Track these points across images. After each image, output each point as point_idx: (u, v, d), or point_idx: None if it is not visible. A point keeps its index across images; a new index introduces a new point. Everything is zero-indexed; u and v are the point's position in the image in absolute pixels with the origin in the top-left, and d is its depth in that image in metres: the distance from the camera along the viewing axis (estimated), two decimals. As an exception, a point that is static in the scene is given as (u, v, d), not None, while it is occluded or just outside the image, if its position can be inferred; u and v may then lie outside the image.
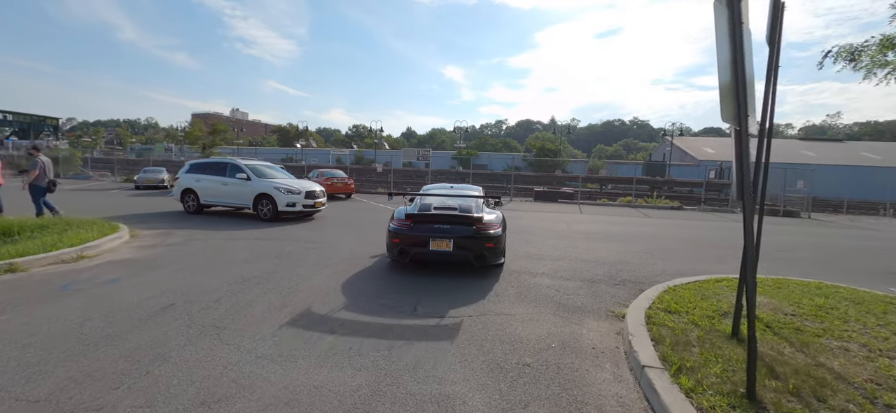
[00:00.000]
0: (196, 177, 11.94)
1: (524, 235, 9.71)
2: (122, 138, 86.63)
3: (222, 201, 11.64)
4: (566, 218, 13.90)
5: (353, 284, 5.24)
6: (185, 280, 5.26)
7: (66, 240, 6.78)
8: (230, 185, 11.41)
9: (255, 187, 11.03)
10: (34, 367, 2.93)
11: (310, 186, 11.51)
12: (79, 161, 31.80)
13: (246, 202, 11.19)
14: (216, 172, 11.80)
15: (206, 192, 11.74)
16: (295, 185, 11.22)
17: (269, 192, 10.75)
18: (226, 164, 12.01)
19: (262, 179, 11.24)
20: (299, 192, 10.90)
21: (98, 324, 3.75)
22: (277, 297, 4.69)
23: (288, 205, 10.69)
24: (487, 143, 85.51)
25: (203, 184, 11.77)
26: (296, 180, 12.00)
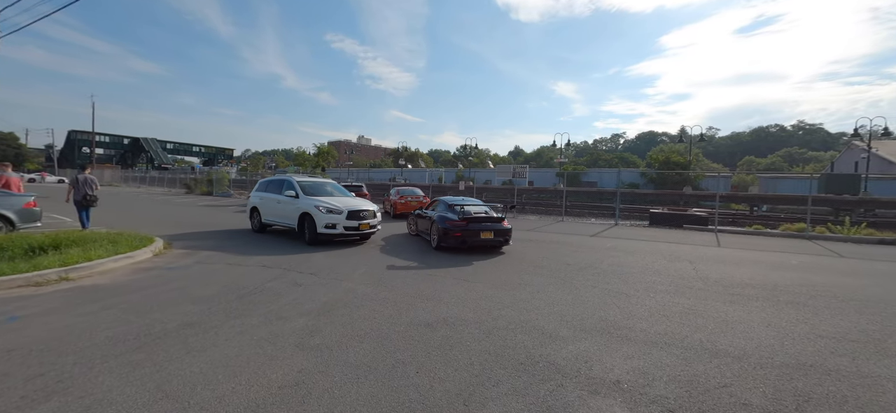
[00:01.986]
0: (260, 195, 11.44)
1: (614, 282, 6.41)
2: (276, 163, 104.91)
3: (277, 220, 10.73)
4: (693, 252, 9.66)
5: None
6: (97, 320, 3.94)
7: (69, 258, 6.43)
8: (282, 202, 10.41)
9: (300, 205, 9.76)
10: None
11: (356, 205, 9.69)
12: (227, 182, 38.05)
13: (292, 222, 9.96)
14: (274, 190, 11.03)
15: (265, 209, 11.06)
16: (336, 203, 9.46)
17: (310, 211, 9.33)
18: (282, 180, 11.11)
19: (309, 197, 9.85)
20: (340, 211, 9.16)
21: None
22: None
23: (326, 226, 9.06)
24: (600, 159, 77.33)
25: (264, 202, 11.14)
26: (343, 198, 10.29)
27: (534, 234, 12.57)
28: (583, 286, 6.01)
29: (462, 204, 9.51)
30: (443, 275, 6.61)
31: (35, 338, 3.69)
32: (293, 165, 49.48)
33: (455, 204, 9.55)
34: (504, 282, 6.20)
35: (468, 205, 9.55)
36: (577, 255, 8.89)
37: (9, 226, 8.64)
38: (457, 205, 9.41)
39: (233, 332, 3.88)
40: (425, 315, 4.50)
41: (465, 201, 10.01)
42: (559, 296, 5.44)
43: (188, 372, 3.07)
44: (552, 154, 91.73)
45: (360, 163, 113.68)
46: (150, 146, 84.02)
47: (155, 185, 46.05)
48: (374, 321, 4.28)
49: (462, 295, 5.39)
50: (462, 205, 9.41)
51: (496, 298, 5.25)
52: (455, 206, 9.37)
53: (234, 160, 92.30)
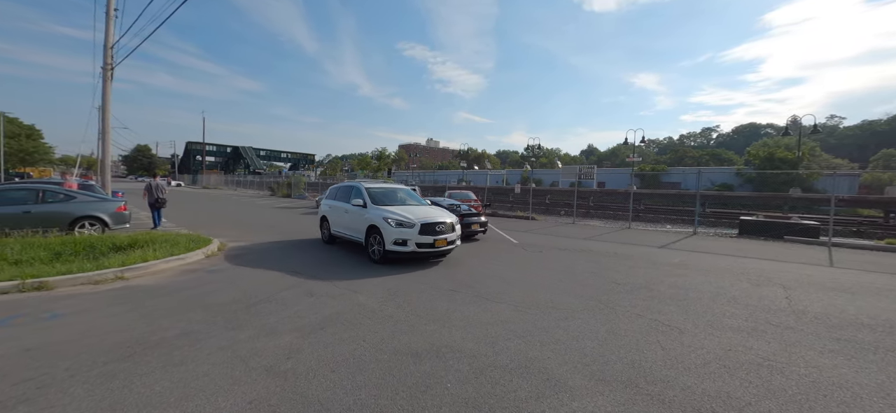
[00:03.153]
0: (330, 203, 10.32)
1: (669, 310, 5.25)
2: (351, 166, 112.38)
3: (345, 232, 9.39)
4: (790, 273, 7.75)
5: None
6: (95, 326, 4.16)
7: (129, 258, 7.14)
8: (350, 213, 9.12)
9: (368, 217, 8.32)
10: None
11: (432, 216, 8.04)
12: (302, 185, 41.40)
13: (359, 235, 8.60)
14: (343, 198, 9.80)
15: (334, 219, 9.91)
16: (408, 214, 7.89)
17: (377, 224, 7.92)
18: (350, 187, 9.84)
19: (378, 208, 8.40)
20: (412, 224, 7.62)
21: None
22: None
23: (396, 242, 7.58)
24: (687, 156, 69.26)
25: (333, 211, 10.02)
26: (417, 208, 8.69)
27: (589, 244, 11.29)
28: (625, 314, 4.99)
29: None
30: (466, 290, 6.03)
31: (56, 338, 3.96)
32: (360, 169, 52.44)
33: (445, 204, 11.99)
34: (532, 302, 5.42)
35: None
36: (633, 271, 7.64)
37: (104, 226, 10.02)
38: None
39: (217, 347, 3.78)
40: (419, 341, 4.00)
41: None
42: (589, 325, 4.54)
43: (148, 391, 2.97)
44: (629, 152, 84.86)
45: (427, 165, 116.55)
46: (247, 154, 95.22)
47: (248, 187, 51.86)
48: (361, 344, 3.89)
49: (474, 317, 4.78)
50: (451, 205, 11.90)
51: (511, 324, 4.54)
52: (445, 206, 11.35)
53: (314, 165, 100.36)
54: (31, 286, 5.62)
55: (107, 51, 14.30)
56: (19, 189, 9.84)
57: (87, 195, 10.31)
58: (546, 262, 8.50)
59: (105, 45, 14.27)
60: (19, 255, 7.16)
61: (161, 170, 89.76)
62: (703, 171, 18.86)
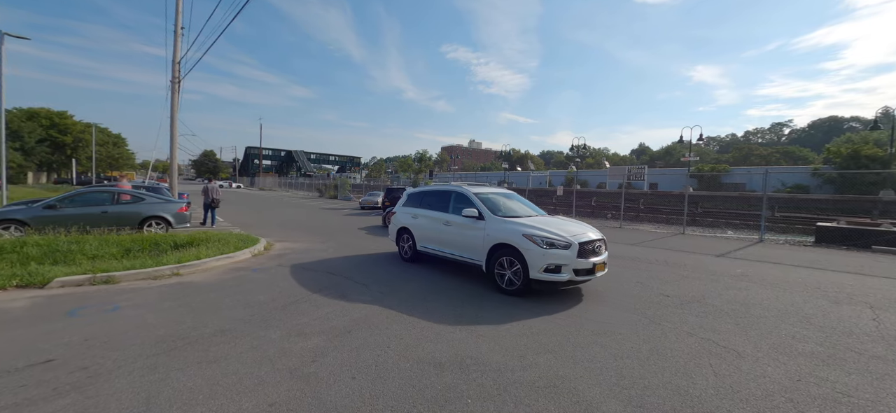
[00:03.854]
0: (412, 211, 8.40)
1: (725, 329, 4.69)
2: (395, 169, 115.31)
3: (443, 250, 7.45)
4: (879, 290, 6.66)
5: None
6: (131, 322, 4.48)
7: (185, 256, 7.72)
8: (454, 225, 7.21)
9: (492, 232, 6.35)
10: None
11: (587, 234, 6.12)
12: (348, 187, 42.98)
13: (475, 256, 6.62)
14: (436, 206, 7.91)
15: (423, 233, 8.00)
16: (559, 231, 5.92)
17: (513, 243, 5.94)
18: (449, 193, 7.85)
19: (503, 220, 6.45)
20: (568, 244, 5.65)
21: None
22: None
23: (548, 269, 5.59)
24: (753, 155, 63.33)
25: (420, 222, 8.10)
26: (553, 220, 6.85)
27: (637, 250, 10.56)
28: (673, 331, 4.53)
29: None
30: (497, 297, 5.82)
31: (112, 329, 4.31)
32: (401, 171, 53.49)
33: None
34: (570, 314, 5.10)
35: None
36: (686, 282, 6.99)
37: (168, 225, 10.96)
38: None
39: (250, 346, 3.91)
40: (445, 350, 3.87)
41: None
42: (631, 342, 4.16)
43: (181, 387, 3.10)
44: (685, 151, 79.58)
45: (469, 167, 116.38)
46: (299, 157, 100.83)
47: (299, 189, 54.81)
48: (386, 350, 3.84)
49: (506, 328, 4.57)
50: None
51: (545, 337, 4.28)
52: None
53: (359, 167, 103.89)
54: (101, 280, 6.21)
55: (174, 65, 15.70)
56: (100, 191, 11.04)
57: (155, 197, 11.33)
58: (587, 269, 8.01)
59: (173, 60, 15.67)
60: (96, 251, 7.98)
61: (224, 173, 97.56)
62: (771, 171, 17.03)
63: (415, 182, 28.52)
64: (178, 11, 15.63)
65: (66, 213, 9.84)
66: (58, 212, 9.79)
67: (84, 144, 48.07)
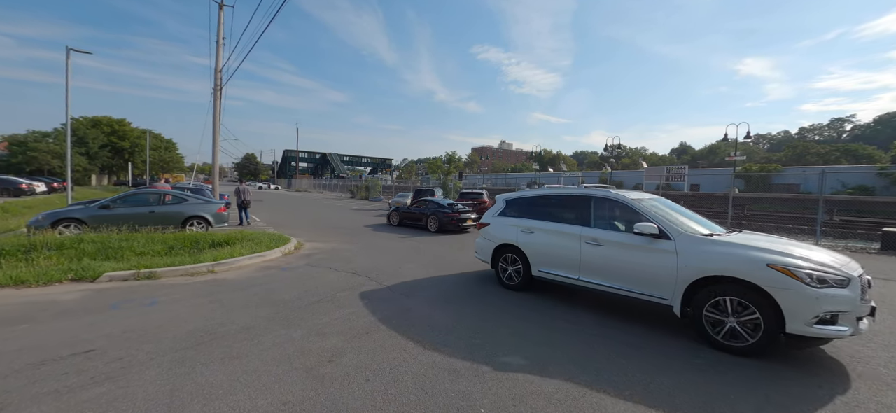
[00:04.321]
0: (521, 224, 6.29)
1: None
2: (426, 170, 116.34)
3: (588, 280, 5.32)
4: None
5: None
6: (161, 318, 4.71)
7: (220, 254, 8.10)
8: (606, 245, 5.17)
9: (693, 259, 4.40)
10: None
11: (849, 262, 4.16)
12: (379, 188, 43.77)
13: (657, 291, 4.65)
14: (564, 217, 5.85)
15: (544, 254, 5.90)
16: (820, 259, 4.02)
17: (745, 277, 4.01)
18: (587, 199, 5.62)
19: (711, 241, 4.49)
20: (845, 280, 3.79)
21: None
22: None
23: (821, 320, 3.72)
24: (810, 153, 58.54)
25: (538, 239, 5.99)
26: (785, 243, 4.54)
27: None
28: (710, 343, 4.18)
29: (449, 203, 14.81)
30: (524, 304, 5.66)
31: (149, 322, 4.56)
32: (431, 172, 53.72)
33: (444, 203, 14.82)
34: (596, 322, 4.86)
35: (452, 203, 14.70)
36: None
37: (207, 225, 11.57)
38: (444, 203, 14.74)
39: (271, 344, 4.00)
40: (459, 358, 3.78)
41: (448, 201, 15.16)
42: (675, 337, 3.87)
43: (204, 381, 3.21)
44: (730, 150, 75.31)
45: (499, 168, 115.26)
46: (333, 159, 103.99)
47: (332, 190, 56.48)
48: (401, 353, 3.81)
49: (526, 332, 4.42)
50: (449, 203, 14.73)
51: (567, 347, 4.09)
52: (444, 204, 14.57)
53: (390, 169, 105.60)
54: (144, 275, 6.63)
55: (216, 73, 16.62)
56: (149, 193, 11.84)
57: (196, 198, 12.00)
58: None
59: (215, 68, 16.59)
60: (143, 248, 8.53)
61: (263, 175, 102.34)
62: (828, 171, 15.62)
63: (444, 183, 28.50)
64: (220, 23, 16.54)
65: (119, 212, 10.62)
66: (111, 211, 10.58)
67: (140, 149, 52.02)
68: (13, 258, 7.36)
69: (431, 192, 22.25)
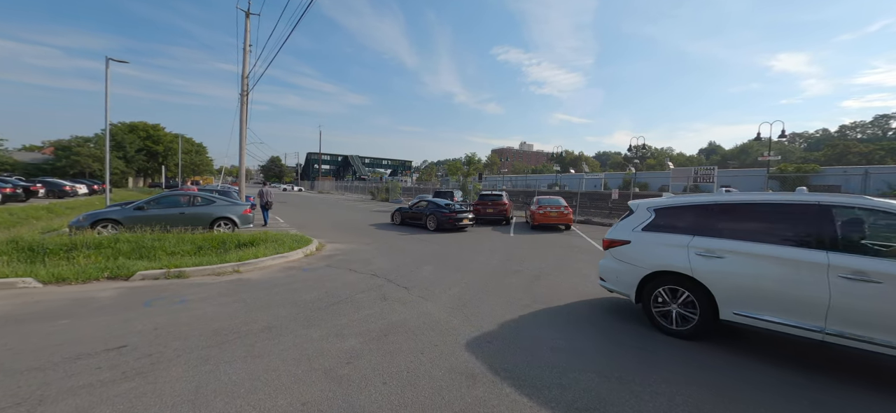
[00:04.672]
0: (699, 244, 4.49)
1: None
2: (446, 172, 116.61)
3: (846, 333, 3.52)
4: None
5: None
6: (195, 315, 4.86)
7: (244, 254, 8.33)
8: (887, 281, 3.36)
9: None
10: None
11: None
12: (398, 190, 44.16)
13: None
14: (782, 235, 4.05)
15: (744, 289, 4.09)
16: None
17: None
18: (822, 208, 3.89)
19: None
20: None
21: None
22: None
23: None
24: (850, 152, 55.30)
25: (734, 267, 4.18)
26: None
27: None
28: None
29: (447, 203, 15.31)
30: (540, 307, 5.56)
31: (177, 320, 4.73)
32: (450, 174, 53.76)
33: (442, 203, 15.37)
34: (620, 330, 4.72)
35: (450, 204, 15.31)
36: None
37: (233, 226, 11.95)
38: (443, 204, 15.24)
39: (292, 344, 4.07)
40: (478, 362, 3.73)
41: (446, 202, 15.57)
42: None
43: (227, 379, 3.30)
44: (763, 149, 71.92)
45: (519, 169, 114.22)
46: (354, 162, 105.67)
47: (353, 192, 57.40)
48: (419, 357, 3.80)
49: (546, 338, 4.33)
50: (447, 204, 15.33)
51: (589, 355, 3.98)
52: (442, 205, 15.16)
53: (410, 171, 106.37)
54: (174, 274, 6.89)
55: (243, 79, 17.18)
56: (180, 195, 12.33)
57: (223, 200, 12.42)
58: (642, 279, 7.40)
59: (242, 74, 17.15)
60: (174, 248, 8.88)
61: (288, 177, 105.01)
62: (872, 171, 14.68)
63: (463, 185, 28.47)
64: (246, 30, 17.10)
65: (152, 213, 11.12)
66: (145, 212, 11.08)
67: (172, 153, 54.37)
68: (56, 257, 7.80)
69: (451, 194, 22.27)
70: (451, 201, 16.22)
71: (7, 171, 37.76)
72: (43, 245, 8.15)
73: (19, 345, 3.92)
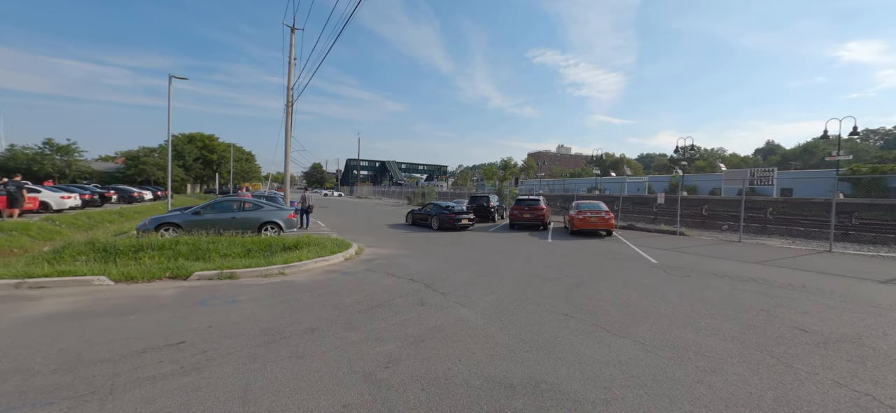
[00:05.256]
0: None
1: (891, 384, 3.41)
2: (481, 176, 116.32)
3: None
4: None
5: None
6: (250, 314, 5.12)
7: (289, 258, 8.72)
8: None
9: None
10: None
11: None
12: (434, 195, 44.54)
13: None
14: None
15: None
16: None
17: None
18: None
19: None
20: None
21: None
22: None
23: None
24: (941, 152, 49.04)
25: None
26: None
27: (763, 271, 8.83)
28: (811, 377, 3.60)
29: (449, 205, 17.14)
30: (582, 316, 5.35)
31: (229, 319, 5.02)
32: (486, 179, 53.51)
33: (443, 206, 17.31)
34: (666, 342, 4.44)
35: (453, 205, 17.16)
36: (833, 315, 5.58)
37: (279, 229, 12.56)
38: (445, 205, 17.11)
39: (333, 346, 4.19)
40: (519, 371, 3.64)
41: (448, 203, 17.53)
42: (750, 385, 3.41)
43: (273, 378, 3.44)
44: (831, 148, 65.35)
45: (557, 173, 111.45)
46: (391, 167, 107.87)
47: (390, 197, 58.56)
48: (457, 364, 3.76)
49: (587, 351, 4.15)
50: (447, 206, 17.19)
51: (633, 366, 3.77)
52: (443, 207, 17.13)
53: (445, 176, 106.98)
54: (226, 275, 7.34)
55: (288, 91, 18.09)
56: (231, 200, 13.16)
57: (270, 205, 13.11)
58: (694, 290, 6.95)
59: (287, 86, 18.07)
60: (226, 250, 9.47)
61: (328, 182, 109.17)
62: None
63: (499, 190, 28.17)
64: (292, 45, 18.02)
65: (207, 217, 11.94)
66: (201, 217, 11.92)
67: (225, 161, 58.31)
68: (125, 257, 8.57)
69: (487, 198, 22.13)
70: (452, 203, 18.53)
71: (86, 179, 42.20)
72: (115, 246, 8.99)
73: (94, 337, 4.32)
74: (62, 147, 40.36)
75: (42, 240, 12.28)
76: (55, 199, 20.07)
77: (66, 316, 5.06)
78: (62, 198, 20.47)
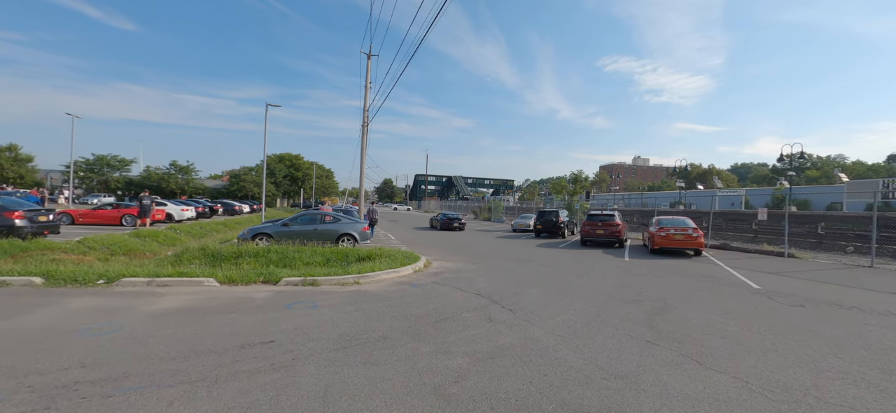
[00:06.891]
0: None
1: None
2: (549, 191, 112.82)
3: None
4: None
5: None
6: (342, 319, 5.47)
7: (363, 268, 9.23)
8: None
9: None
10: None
11: None
12: (501, 209, 44.14)
13: None
14: None
15: None
16: None
17: None
18: None
19: None
20: None
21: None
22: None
23: None
24: None
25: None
26: None
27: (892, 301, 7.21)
28: None
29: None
30: (669, 344, 4.84)
31: (310, 322, 5.44)
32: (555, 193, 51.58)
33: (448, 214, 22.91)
34: (774, 382, 3.82)
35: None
36: None
37: (354, 241, 13.39)
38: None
39: (404, 356, 4.30)
40: (596, 400, 3.39)
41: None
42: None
43: (349, 382, 3.63)
44: None
45: (633, 186, 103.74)
46: (458, 182, 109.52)
47: (457, 211, 59.37)
48: (527, 386, 3.62)
49: (675, 385, 3.73)
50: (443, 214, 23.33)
51: (733, 407, 3.28)
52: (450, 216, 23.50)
53: (512, 190, 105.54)
54: (309, 282, 7.99)
55: (364, 113, 19.44)
56: (314, 213, 14.41)
57: (346, 218, 14.08)
58: (810, 322, 5.91)
59: (363, 108, 19.43)
60: (309, 259, 10.33)
61: (398, 197, 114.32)
62: None
63: (569, 204, 27.02)
64: (368, 70, 19.42)
65: (294, 229, 13.19)
66: (289, 228, 13.21)
67: (309, 178, 64.30)
68: (227, 263, 9.78)
69: (556, 213, 21.33)
70: (450, 212, 23.61)
71: (199, 194, 49.47)
72: (220, 253, 10.32)
73: (203, 332, 4.96)
74: (183, 167, 47.98)
75: (166, 245, 14.57)
76: (177, 212, 23.82)
77: (183, 311, 5.90)
78: (182, 210, 24.23)
